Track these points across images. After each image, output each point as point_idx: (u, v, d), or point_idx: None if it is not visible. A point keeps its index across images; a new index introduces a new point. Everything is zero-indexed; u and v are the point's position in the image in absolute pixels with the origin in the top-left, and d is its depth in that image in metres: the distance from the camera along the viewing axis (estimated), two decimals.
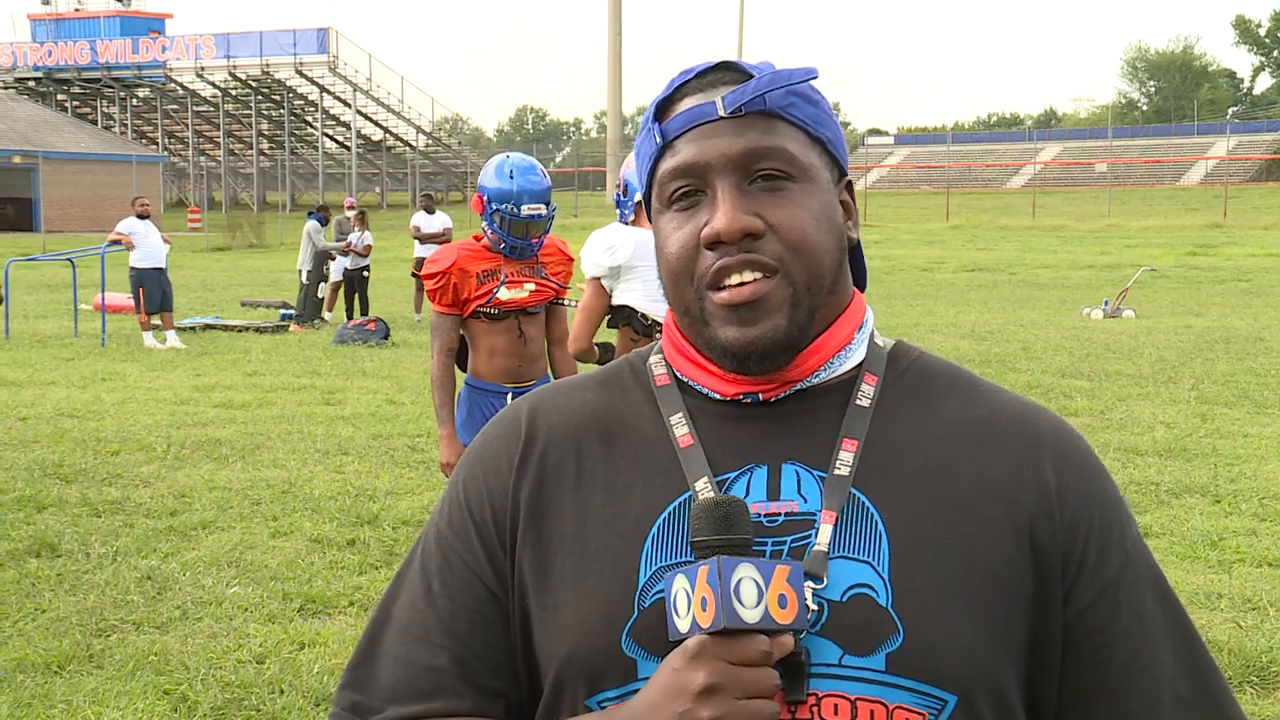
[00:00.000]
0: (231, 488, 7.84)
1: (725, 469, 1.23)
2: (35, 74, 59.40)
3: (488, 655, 1.25)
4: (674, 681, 1.10)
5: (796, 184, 1.23)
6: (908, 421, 1.25)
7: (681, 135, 1.24)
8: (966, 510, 1.21)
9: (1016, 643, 1.20)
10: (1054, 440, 1.26)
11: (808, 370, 1.25)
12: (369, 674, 1.28)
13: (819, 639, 1.16)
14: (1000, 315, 19.18)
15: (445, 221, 19.52)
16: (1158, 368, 13.11)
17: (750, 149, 1.21)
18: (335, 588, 5.92)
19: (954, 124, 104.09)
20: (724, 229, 1.19)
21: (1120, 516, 1.26)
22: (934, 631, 1.16)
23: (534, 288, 4.95)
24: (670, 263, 1.25)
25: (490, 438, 1.33)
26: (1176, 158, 60.45)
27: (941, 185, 54.75)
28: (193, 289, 23.94)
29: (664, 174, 1.25)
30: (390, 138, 60.69)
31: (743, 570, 1.09)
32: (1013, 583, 1.20)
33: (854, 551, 1.18)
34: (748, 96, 1.21)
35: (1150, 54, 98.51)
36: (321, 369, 13.66)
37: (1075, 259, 31.50)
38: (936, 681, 1.15)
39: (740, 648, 1.09)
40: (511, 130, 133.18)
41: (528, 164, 4.99)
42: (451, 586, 1.27)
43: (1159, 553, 6.51)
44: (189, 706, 4.60)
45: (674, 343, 1.31)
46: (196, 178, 62.00)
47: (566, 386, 1.36)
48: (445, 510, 1.32)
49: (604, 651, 1.19)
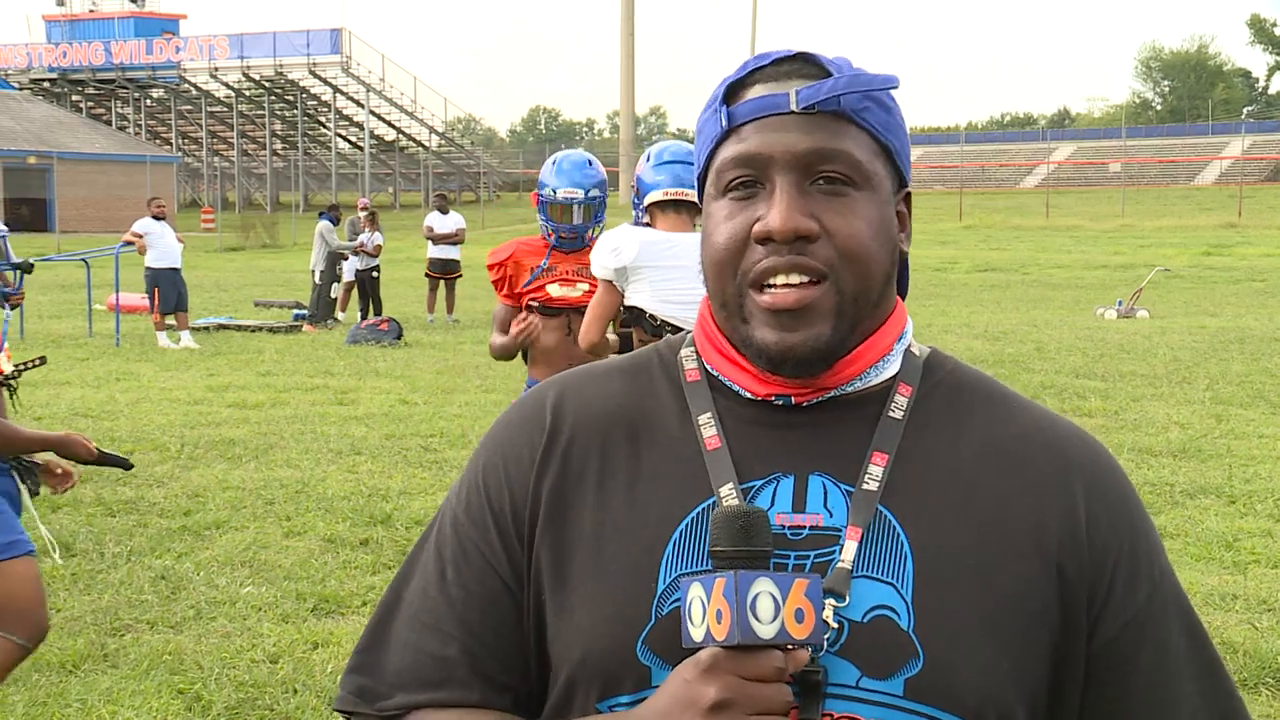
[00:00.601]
0: (245, 487, 7.85)
1: (751, 476, 1.20)
2: (50, 75, 59.62)
3: (498, 647, 1.24)
4: (685, 693, 1.08)
5: (858, 191, 1.19)
6: (939, 437, 1.23)
7: (748, 123, 1.20)
8: (993, 535, 1.18)
9: (1037, 672, 1.18)
10: (1086, 466, 1.24)
11: (845, 378, 1.22)
12: (377, 659, 1.27)
13: (838, 659, 1.14)
14: (1014, 315, 19.14)
15: (459, 222, 19.54)
16: (1172, 368, 13.07)
17: (816, 149, 1.18)
18: (348, 587, 5.93)
19: (967, 124, 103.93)
20: (778, 227, 1.16)
21: (1148, 546, 1.24)
22: (955, 658, 1.14)
23: (587, 288, 4.84)
24: (716, 252, 1.21)
25: (513, 425, 1.30)
26: (1191, 157, 60.25)
27: (954, 185, 54.62)
28: (206, 289, 23.99)
29: (724, 161, 1.22)
30: (403, 138, 60.77)
31: (760, 584, 1.07)
32: (1037, 611, 1.18)
33: (878, 571, 1.16)
34: (823, 95, 1.18)
35: (1165, 53, 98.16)
36: (335, 369, 13.69)
37: (1089, 259, 31.41)
38: (954, 709, 1.14)
39: (754, 663, 1.07)
40: (524, 130, 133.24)
41: (578, 155, 5.08)
42: (465, 575, 1.25)
43: (1173, 554, 6.49)
44: (203, 706, 4.61)
45: (708, 335, 1.28)
46: (210, 178, 62.17)
47: (593, 374, 1.32)
48: (463, 495, 1.29)
49: (619, 657, 1.17)
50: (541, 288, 4.84)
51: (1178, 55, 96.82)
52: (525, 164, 65.76)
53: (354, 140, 61.62)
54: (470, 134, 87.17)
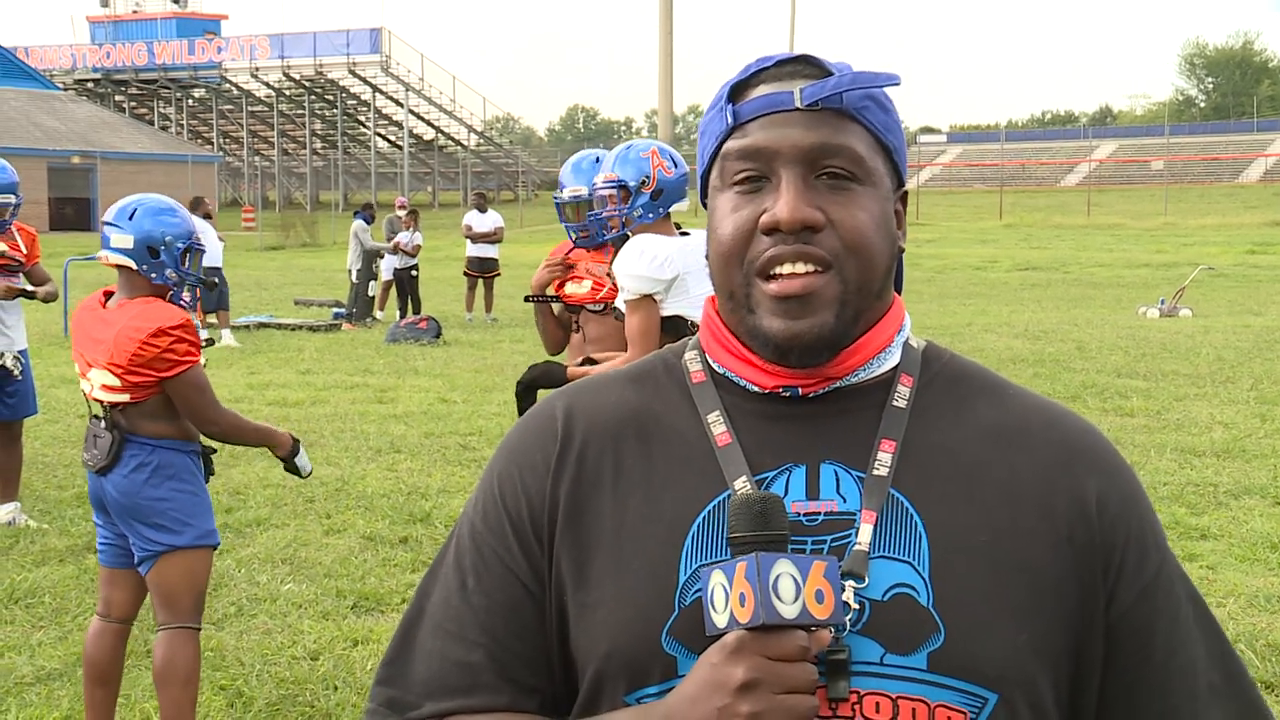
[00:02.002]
0: (285, 485, 7.90)
1: (763, 468, 1.23)
2: (94, 75, 60.23)
3: (523, 651, 1.26)
4: (713, 677, 1.11)
5: (860, 185, 1.23)
6: (942, 423, 1.27)
7: (754, 120, 1.24)
8: (1003, 512, 1.22)
9: (1058, 642, 1.21)
10: (1087, 446, 1.28)
11: (848, 369, 1.26)
12: (404, 670, 1.29)
13: (861, 638, 1.17)
14: (1054, 314, 19.00)
15: (497, 220, 19.59)
16: (1215, 367, 12.94)
17: (821, 144, 1.22)
18: (388, 585, 5.96)
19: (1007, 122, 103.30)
20: (785, 217, 1.20)
21: (1153, 520, 1.29)
22: (975, 631, 1.17)
23: (591, 285, 4.78)
24: (723, 243, 1.25)
25: (525, 435, 1.33)
26: (1235, 155, 59.62)
27: (995, 183, 54.27)
28: (247, 288, 24.17)
29: (730, 153, 1.25)
30: (442, 137, 60.99)
31: (780, 566, 1.10)
32: (1052, 583, 1.21)
33: (894, 551, 1.19)
34: (827, 92, 1.22)
35: (1209, 50, 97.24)
36: (374, 367, 13.75)
37: (1131, 257, 31.14)
38: (978, 680, 1.17)
39: (779, 643, 1.09)
40: (563, 129, 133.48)
41: (589, 153, 5.02)
42: (487, 583, 1.27)
43: (1218, 555, 6.43)
44: (244, 702, 4.64)
45: (714, 333, 1.31)
46: (251, 177, 62.62)
47: (600, 383, 1.35)
48: (480, 506, 1.32)
49: (645, 649, 1.20)
50: (561, 285, 4.81)
51: (1222, 52, 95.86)
52: (563, 163, 65.73)
53: (393, 139, 61.91)
54: (509, 133, 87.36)
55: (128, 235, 3.95)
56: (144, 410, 3.90)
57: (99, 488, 3.98)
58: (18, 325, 7.08)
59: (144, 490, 3.88)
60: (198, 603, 3.99)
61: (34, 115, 49.26)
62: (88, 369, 3.93)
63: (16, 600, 5.78)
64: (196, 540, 3.92)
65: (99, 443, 3.93)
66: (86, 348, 3.95)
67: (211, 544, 4.01)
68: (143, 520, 3.88)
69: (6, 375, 6.99)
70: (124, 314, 3.90)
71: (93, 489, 4.04)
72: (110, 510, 3.95)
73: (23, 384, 7.09)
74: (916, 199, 49.69)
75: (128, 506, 3.88)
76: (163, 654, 3.91)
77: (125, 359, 3.81)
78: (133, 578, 4.06)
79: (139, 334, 3.81)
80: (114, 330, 3.86)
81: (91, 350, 3.92)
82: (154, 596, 3.94)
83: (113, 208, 4.09)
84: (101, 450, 3.92)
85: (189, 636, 3.94)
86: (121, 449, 3.90)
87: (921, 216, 44.70)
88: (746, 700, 1.08)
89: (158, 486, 3.89)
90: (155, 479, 3.89)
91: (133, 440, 3.90)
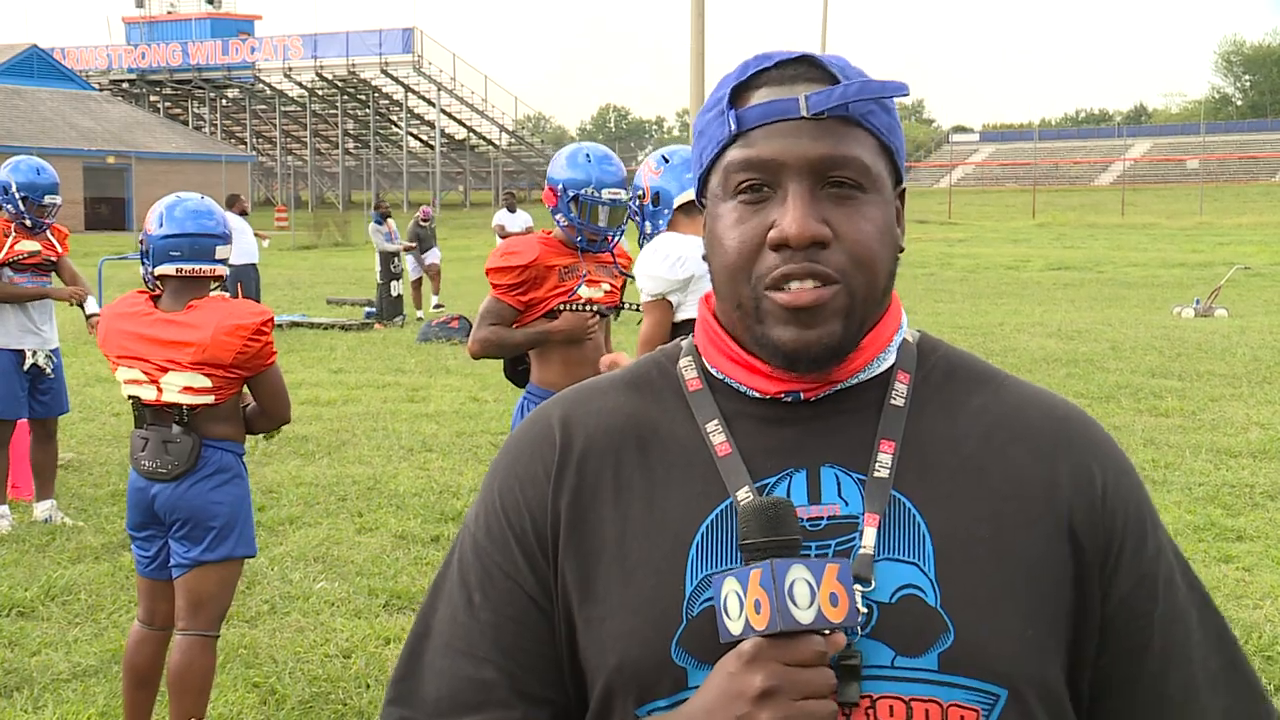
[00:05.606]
0: (318, 484, 7.94)
1: (764, 474, 1.22)
2: (129, 76, 60.63)
3: (534, 664, 1.25)
4: (731, 685, 1.10)
5: (865, 194, 1.23)
6: (939, 418, 1.26)
7: (757, 128, 1.22)
8: (1005, 506, 1.22)
9: (1059, 634, 1.21)
10: (1084, 432, 1.28)
11: (851, 372, 1.26)
12: (414, 688, 1.28)
13: (870, 641, 1.16)
14: (1088, 314, 18.86)
15: (527, 220, 19.68)
16: (1251, 368, 12.82)
17: (828, 155, 1.21)
18: (420, 584, 5.98)
19: (1041, 120, 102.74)
20: (794, 235, 1.19)
21: (1149, 505, 1.29)
22: (983, 628, 1.17)
23: (609, 288, 4.68)
24: (728, 257, 1.23)
25: (524, 446, 1.31)
26: (1272, 153, 59.08)
27: (1028, 182, 53.98)
28: (280, 287, 24.28)
29: (733, 163, 1.23)
30: (474, 136, 61.11)
31: (796, 571, 1.10)
32: (1054, 575, 1.21)
33: (899, 553, 1.19)
34: (834, 102, 1.20)
35: (1246, 48, 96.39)
36: (406, 366, 13.80)
37: (1165, 257, 30.90)
38: (989, 677, 1.17)
39: (796, 649, 1.09)
40: (594, 128, 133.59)
41: (603, 151, 4.75)
42: (493, 598, 1.26)
43: (1254, 557, 6.37)
44: (277, 700, 4.66)
45: (712, 339, 1.29)
46: (283, 177, 62.94)
47: (595, 389, 1.33)
48: (481, 521, 1.30)
49: (654, 661, 1.18)
50: (572, 289, 4.57)
51: (1260, 49, 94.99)
52: None
53: (425, 139, 62.09)
54: (540, 132, 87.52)
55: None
56: (218, 412, 3.87)
57: (149, 496, 3.88)
58: (49, 324, 7.15)
59: (209, 494, 3.84)
60: (223, 612, 3.99)
61: (70, 116, 49.67)
62: (160, 373, 3.81)
63: (53, 597, 5.82)
64: (236, 550, 3.91)
65: (172, 448, 3.83)
66: (145, 350, 3.84)
67: (249, 554, 4.00)
68: (199, 524, 3.83)
69: (39, 373, 7.05)
70: (210, 314, 3.82)
71: (141, 499, 3.92)
72: (164, 516, 3.87)
73: (55, 382, 7.16)
74: (949, 198, 49.45)
75: (190, 510, 3.83)
76: (182, 660, 3.87)
77: (230, 357, 3.77)
78: (175, 588, 4.00)
79: (244, 331, 3.78)
80: (204, 331, 3.77)
81: (158, 353, 3.81)
82: (182, 600, 3.90)
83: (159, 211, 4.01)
84: (178, 456, 3.83)
85: (209, 644, 3.92)
86: (201, 452, 3.86)
87: (954, 215, 44.50)
88: (766, 708, 1.08)
89: (219, 489, 3.87)
90: (216, 480, 3.87)
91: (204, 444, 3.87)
